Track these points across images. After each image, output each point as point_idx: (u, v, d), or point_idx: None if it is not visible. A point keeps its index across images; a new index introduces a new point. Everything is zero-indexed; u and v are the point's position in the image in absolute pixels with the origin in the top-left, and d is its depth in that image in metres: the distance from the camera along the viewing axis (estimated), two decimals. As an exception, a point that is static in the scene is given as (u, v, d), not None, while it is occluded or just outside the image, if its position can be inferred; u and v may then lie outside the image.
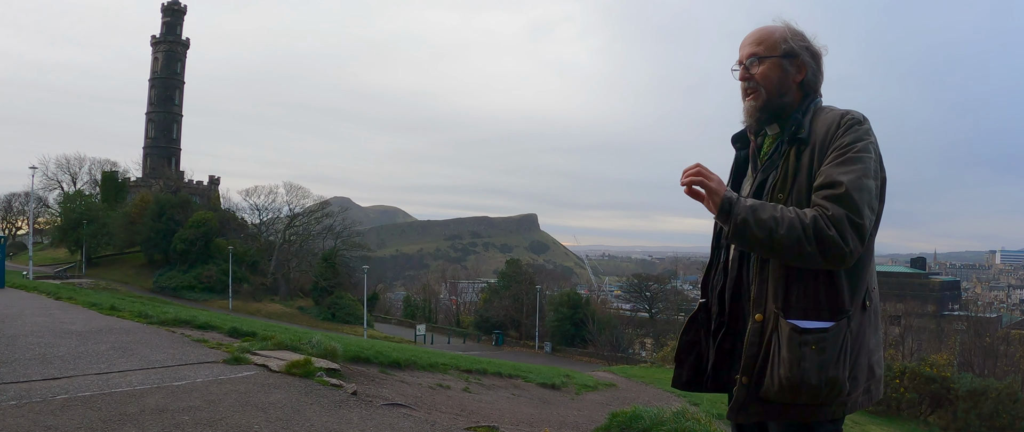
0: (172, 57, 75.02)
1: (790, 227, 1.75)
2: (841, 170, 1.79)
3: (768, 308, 1.88)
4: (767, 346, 1.86)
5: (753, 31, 2.08)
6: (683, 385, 2.16)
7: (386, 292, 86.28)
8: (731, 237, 1.84)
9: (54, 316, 9.21)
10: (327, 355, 6.52)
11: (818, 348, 1.79)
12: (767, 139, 2.08)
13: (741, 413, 1.91)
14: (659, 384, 14.87)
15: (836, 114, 1.92)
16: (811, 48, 2.04)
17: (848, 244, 1.73)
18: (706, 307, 2.14)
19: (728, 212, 1.83)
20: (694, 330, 2.16)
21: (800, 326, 1.81)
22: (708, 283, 2.15)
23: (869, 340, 1.91)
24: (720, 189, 1.85)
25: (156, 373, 5.34)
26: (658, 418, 4.90)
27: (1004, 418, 20.27)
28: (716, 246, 2.15)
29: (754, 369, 1.88)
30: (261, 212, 67.31)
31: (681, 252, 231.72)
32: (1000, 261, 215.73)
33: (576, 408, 8.73)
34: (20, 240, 68.76)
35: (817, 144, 1.89)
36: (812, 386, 1.78)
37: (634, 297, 63.99)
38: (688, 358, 2.16)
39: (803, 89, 2.02)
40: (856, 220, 1.73)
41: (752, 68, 2.03)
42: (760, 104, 2.02)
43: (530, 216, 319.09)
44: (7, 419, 3.82)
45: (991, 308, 77.51)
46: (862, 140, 1.84)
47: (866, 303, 1.90)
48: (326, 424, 4.19)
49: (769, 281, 1.88)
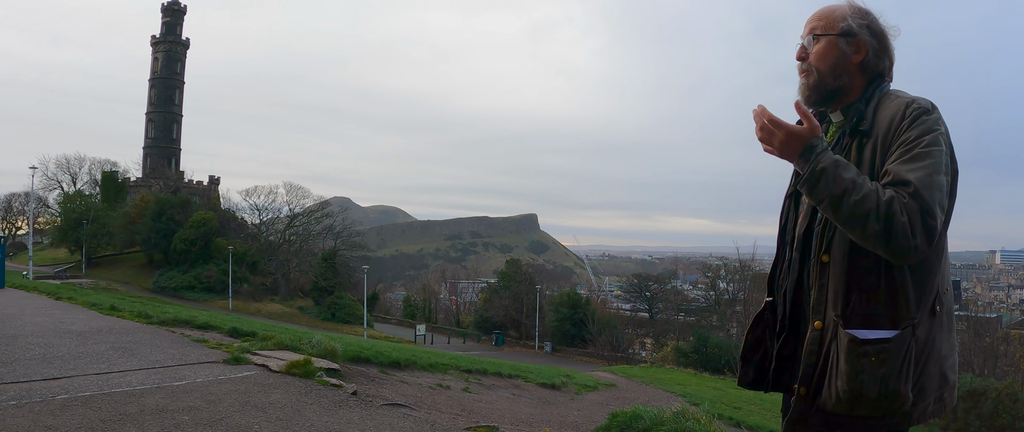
0: (172, 57, 75.01)
1: (866, 196, 1.62)
2: (908, 167, 1.66)
3: (828, 315, 1.79)
4: (826, 356, 1.78)
5: (818, 9, 1.96)
6: (749, 384, 2.09)
7: (386, 292, 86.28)
8: (803, 182, 1.70)
9: (54, 316, 9.21)
10: (327, 355, 6.52)
11: (879, 360, 1.69)
12: (831, 127, 1.97)
13: (797, 426, 1.84)
14: (659, 384, 14.88)
15: (901, 103, 1.78)
16: (874, 27, 1.90)
17: (916, 237, 1.60)
18: (773, 306, 2.05)
19: (809, 155, 1.69)
20: (760, 329, 2.07)
21: (860, 337, 1.71)
22: (775, 282, 2.04)
23: (941, 346, 1.79)
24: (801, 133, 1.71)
25: (156, 373, 5.34)
26: (658, 418, 4.90)
27: (1004, 418, 20.30)
28: (782, 242, 2.02)
29: (812, 379, 1.80)
30: (261, 212, 67.35)
31: (681, 252, 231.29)
32: (1000, 261, 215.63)
33: (576, 408, 8.73)
34: (20, 240, 68.71)
35: (880, 136, 1.77)
36: (871, 399, 1.70)
37: (634, 297, 63.95)
38: (754, 357, 2.08)
39: (865, 72, 1.89)
40: (928, 219, 1.61)
41: (809, 47, 1.92)
42: (813, 83, 1.91)
43: (530, 216, 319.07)
44: (7, 419, 3.82)
45: (991, 308, 77.30)
46: (931, 132, 1.70)
47: (936, 307, 1.77)
48: (326, 424, 4.19)
49: (829, 286, 1.79)
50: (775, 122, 1.74)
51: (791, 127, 1.72)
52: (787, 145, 1.72)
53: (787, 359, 1.96)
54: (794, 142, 1.71)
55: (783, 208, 2.06)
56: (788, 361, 1.96)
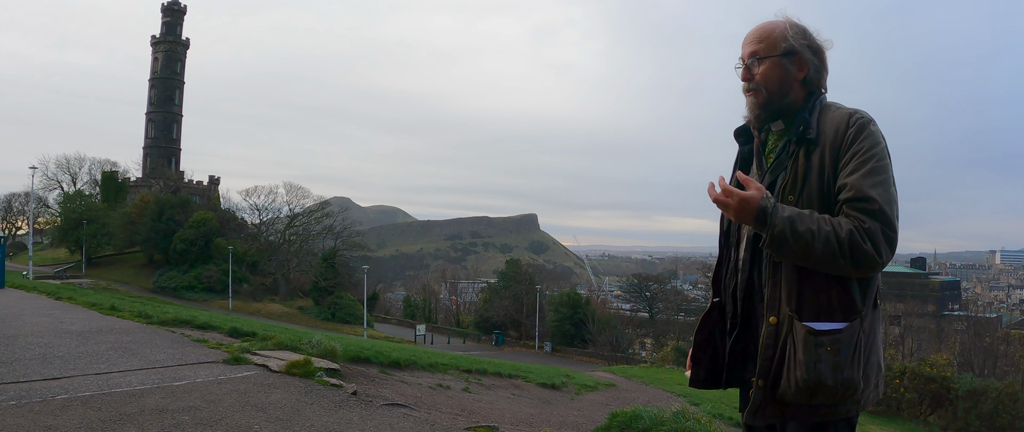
0: (172, 57, 75.03)
1: (826, 241, 1.76)
2: (868, 182, 1.79)
3: (782, 311, 1.88)
4: (782, 349, 1.87)
5: (754, 28, 2.06)
6: (701, 384, 2.16)
7: (386, 292, 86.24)
8: (767, 245, 1.83)
9: (54, 316, 9.22)
10: (327, 355, 6.52)
11: (833, 349, 1.80)
12: (771, 135, 2.07)
13: (758, 416, 1.92)
14: (659, 384, 14.87)
15: (844, 114, 1.92)
16: (813, 44, 2.02)
17: (882, 256, 1.76)
18: (719, 306, 2.14)
19: (764, 221, 1.82)
20: (708, 329, 2.16)
21: (815, 328, 1.82)
22: (720, 282, 2.15)
23: (879, 337, 1.94)
24: (751, 199, 1.83)
25: (156, 373, 5.34)
26: (658, 418, 4.90)
27: (1004, 418, 20.29)
28: (725, 244, 2.14)
29: (770, 372, 1.89)
30: (261, 212, 67.33)
31: (681, 252, 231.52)
32: (1000, 261, 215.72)
33: (576, 408, 8.73)
34: (20, 240, 68.74)
35: (827, 144, 1.89)
36: (828, 387, 1.80)
37: (634, 297, 63.99)
38: (704, 357, 2.16)
39: (806, 86, 2.01)
40: (889, 233, 1.77)
41: (753, 68, 2.02)
42: (761, 102, 2.02)
43: (530, 216, 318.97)
44: (7, 419, 3.82)
45: (991, 308, 77.45)
46: (878, 144, 1.85)
47: (877, 301, 1.92)
48: (326, 424, 4.20)
49: (782, 284, 1.89)
50: (727, 191, 1.87)
51: (742, 194, 1.84)
52: (741, 210, 1.85)
53: (740, 354, 2.07)
54: (747, 206, 1.83)
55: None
56: (741, 357, 2.06)
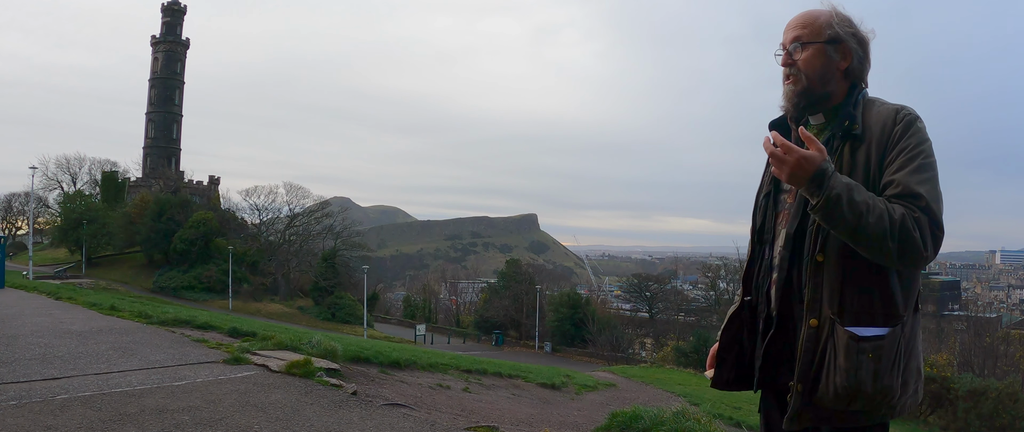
0: (172, 57, 75.01)
1: (880, 218, 1.67)
2: (916, 179, 1.73)
3: (823, 313, 1.82)
4: (822, 352, 1.82)
5: (797, 15, 2.00)
6: (725, 385, 2.09)
7: (386, 292, 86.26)
8: (818, 208, 1.71)
9: (54, 316, 9.22)
10: (327, 355, 6.52)
11: (875, 356, 1.75)
12: (811, 128, 1.99)
13: (796, 420, 1.86)
14: (659, 384, 14.88)
15: (890, 109, 1.86)
16: (858, 34, 1.95)
17: (927, 249, 1.69)
18: (751, 305, 2.06)
19: (821, 183, 1.70)
20: (735, 328, 2.08)
21: (858, 334, 1.77)
22: (751, 281, 2.06)
23: (919, 342, 1.89)
24: (813, 158, 1.71)
25: (156, 373, 5.34)
26: (658, 418, 4.90)
27: (1004, 418, 20.28)
28: (758, 241, 2.06)
29: (809, 376, 1.83)
30: (261, 212, 67.29)
31: (681, 252, 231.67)
32: (1000, 261, 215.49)
33: (576, 408, 8.73)
34: (20, 240, 68.74)
35: (873, 140, 1.83)
36: (867, 394, 1.75)
37: (634, 297, 63.94)
38: (729, 356, 2.08)
39: (848, 77, 1.95)
40: (937, 231, 1.71)
41: (795, 54, 1.95)
42: (800, 89, 1.95)
43: (530, 216, 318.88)
44: (7, 419, 3.82)
45: (991, 308, 77.44)
46: (925, 141, 1.80)
47: (918, 305, 1.87)
48: (326, 424, 4.20)
49: (824, 285, 1.82)
50: (787, 147, 1.74)
51: (802, 152, 1.72)
52: (798, 169, 1.72)
53: (775, 355, 1.96)
54: (807, 165, 1.71)
55: (758, 208, 2.07)
56: (776, 358, 1.96)
